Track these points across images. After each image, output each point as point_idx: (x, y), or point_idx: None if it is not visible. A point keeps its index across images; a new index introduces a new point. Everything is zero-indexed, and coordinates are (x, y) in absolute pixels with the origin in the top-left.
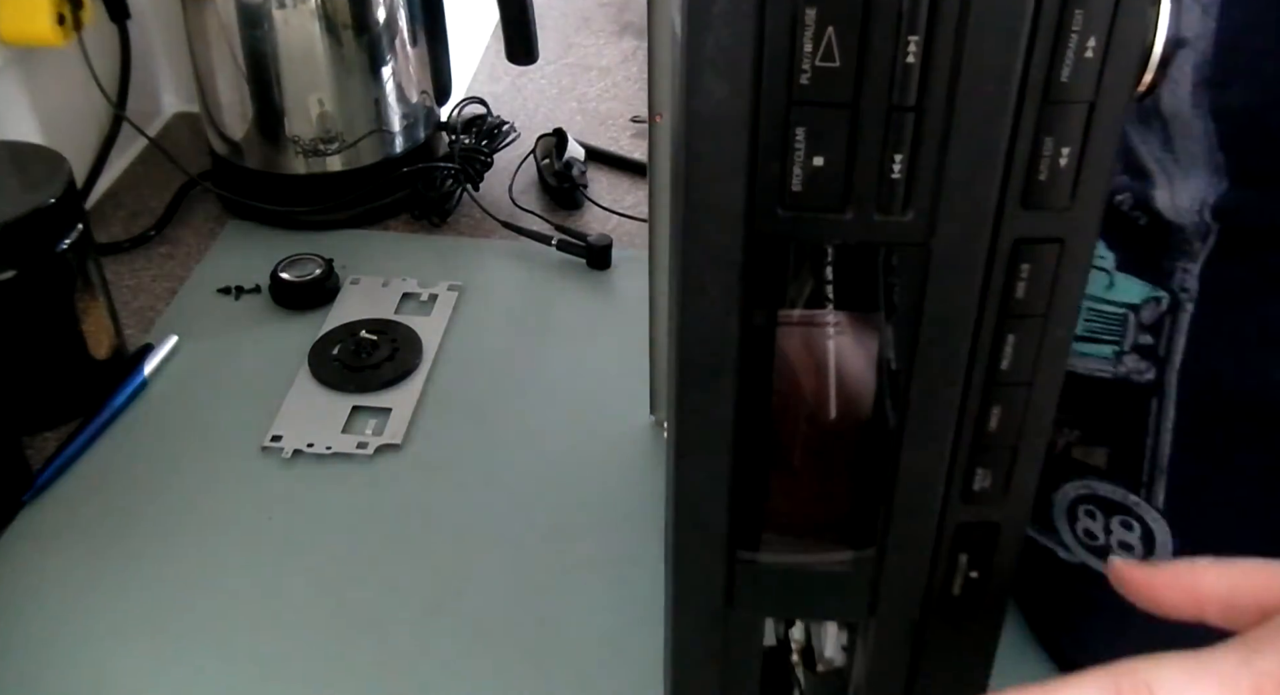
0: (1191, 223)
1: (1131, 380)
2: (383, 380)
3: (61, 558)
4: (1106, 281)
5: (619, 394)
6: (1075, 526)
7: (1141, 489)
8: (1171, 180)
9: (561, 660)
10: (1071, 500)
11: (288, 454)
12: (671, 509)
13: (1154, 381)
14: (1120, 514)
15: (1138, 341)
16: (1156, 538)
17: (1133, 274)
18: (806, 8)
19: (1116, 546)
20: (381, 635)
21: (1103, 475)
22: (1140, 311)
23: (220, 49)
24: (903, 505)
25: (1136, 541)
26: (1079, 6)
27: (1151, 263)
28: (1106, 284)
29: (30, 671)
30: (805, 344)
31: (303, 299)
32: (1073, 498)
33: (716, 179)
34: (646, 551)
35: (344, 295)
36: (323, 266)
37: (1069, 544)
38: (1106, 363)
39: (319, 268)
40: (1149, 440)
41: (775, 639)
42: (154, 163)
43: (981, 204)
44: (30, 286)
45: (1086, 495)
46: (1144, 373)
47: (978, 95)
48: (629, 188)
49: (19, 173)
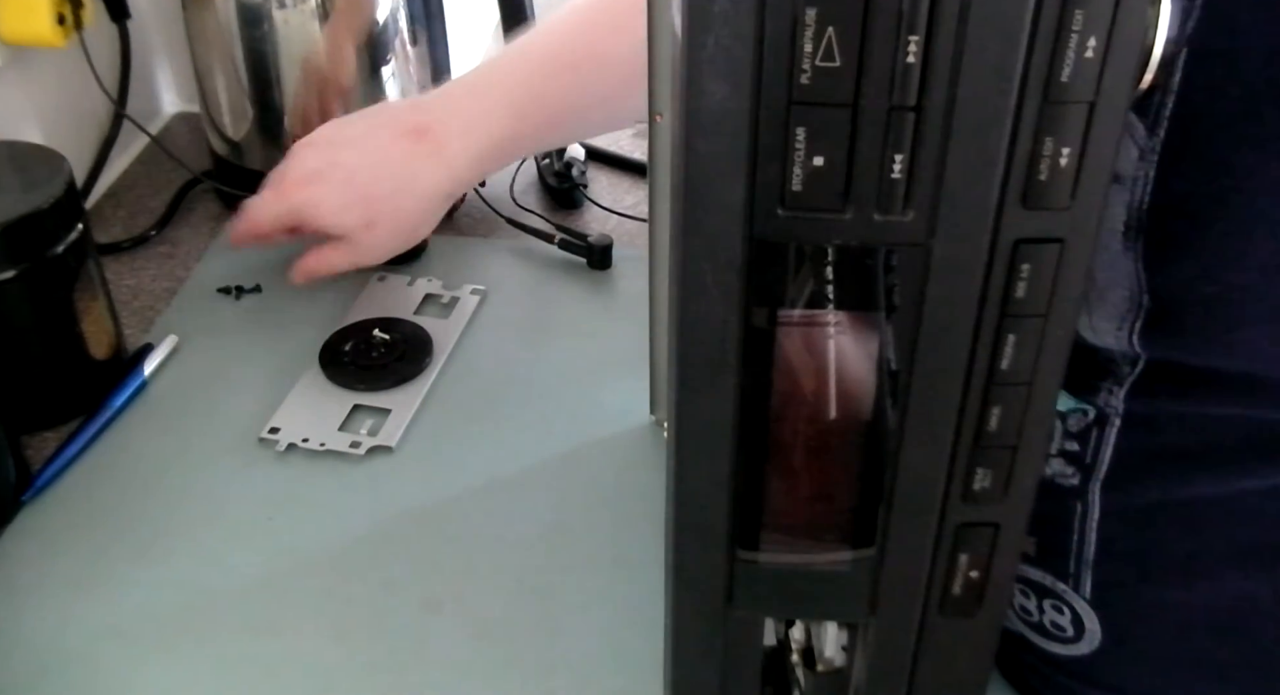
0: (1119, 348)
1: (1057, 482)
2: (389, 381)
3: (61, 558)
4: None
5: (619, 394)
6: (1013, 601)
7: (1069, 579)
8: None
9: (561, 660)
10: None
11: (282, 447)
12: (671, 509)
13: (1078, 487)
14: (1051, 598)
15: (1064, 447)
16: (1085, 625)
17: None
18: (806, 8)
19: (1050, 626)
20: (381, 635)
21: (1032, 562)
22: (1067, 419)
23: (220, 49)
24: (903, 505)
25: (1068, 624)
26: (1079, 6)
27: (1077, 379)
28: None
29: (30, 671)
30: (805, 344)
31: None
32: None
33: (716, 179)
34: (646, 551)
35: (368, 292)
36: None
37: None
38: None
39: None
40: (1074, 537)
41: (775, 639)
42: (154, 163)
43: (981, 204)
44: (30, 286)
45: (1020, 576)
46: (1069, 477)
47: (978, 95)
48: (629, 188)
49: (19, 173)
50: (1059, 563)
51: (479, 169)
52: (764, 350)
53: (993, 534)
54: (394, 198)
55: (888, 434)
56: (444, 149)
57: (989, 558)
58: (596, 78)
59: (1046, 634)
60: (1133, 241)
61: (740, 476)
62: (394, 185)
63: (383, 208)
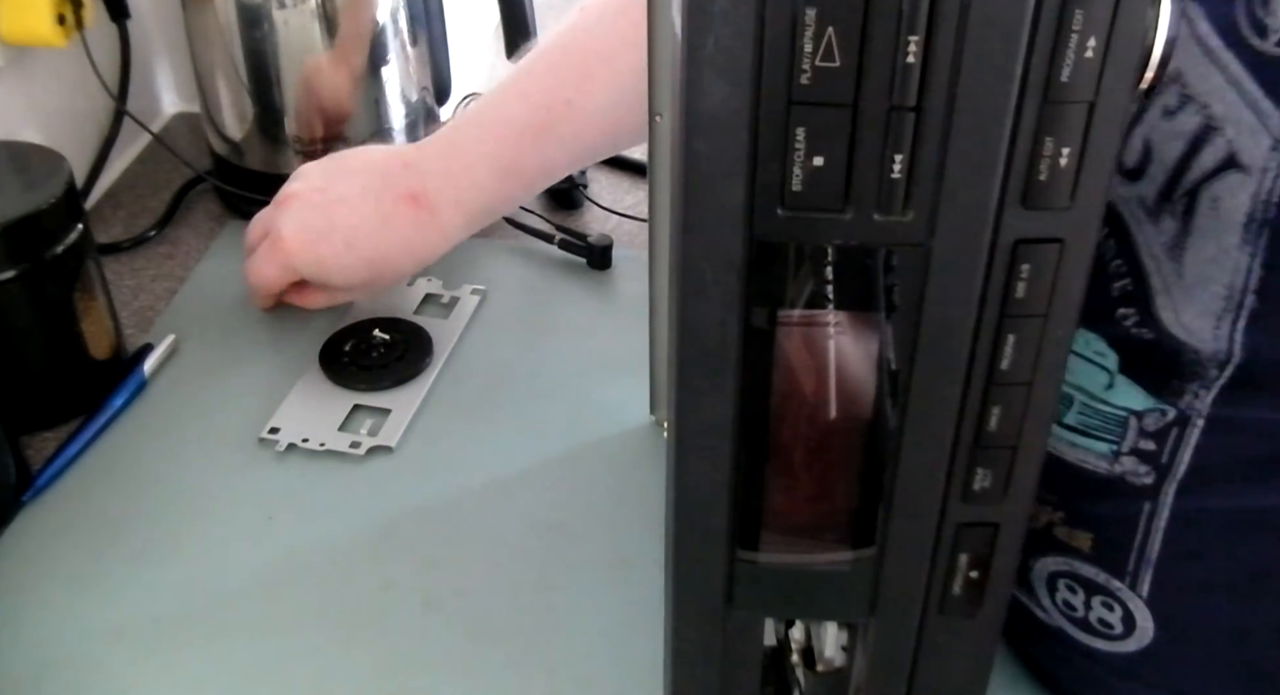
0: (1213, 348)
1: (1127, 480)
2: (389, 381)
3: (61, 558)
4: (1106, 381)
5: (619, 394)
6: (1055, 596)
7: (1126, 577)
8: (1170, 289)
9: (561, 660)
10: (1051, 573)
11: (282, 447)
12: (671, 509)
13: (1152, 486)
14: (1102, 594)
15: (1138, 446)
16: (1138, 622)
17: (1136, 382)
18: (806, 8)
19: (1096, 622)
20: (380, 635)
21: (1086, 558)
22: (1143, 418)
23: (220, 49)
24: (903, 505)
25: (1117, 621)
26: (1079, 6)
27: (1158, 378)
28: (1106, 384)
29: (30, 671)
30: (805, 344)
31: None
32: (1053, 570)
33: (716, 179)
34: (646, 551)
35: None
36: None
37: (1047, 608)
38: (1102, 459)
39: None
40: (1138, 536)
41: (775, 639)
42: (154, 163)
43: (981, 204)
44: (30, 286)
45: (1067, 572)
46: (1142, 476)
47: (978, 95)
48: (629, 188)
49: (19, 173)
50: (1118, 560)
51: (469, 230)
52: (764, 350)
53: (993, 534)
54: (393, 260)
55: (888, 434)
56: (438, 216)
57: (989, 558)
58: (574, 133)
59: (1090, 630)
60: (1254, 236)
61: (740, 476)
62: (393, 250)
63: (384, 269)
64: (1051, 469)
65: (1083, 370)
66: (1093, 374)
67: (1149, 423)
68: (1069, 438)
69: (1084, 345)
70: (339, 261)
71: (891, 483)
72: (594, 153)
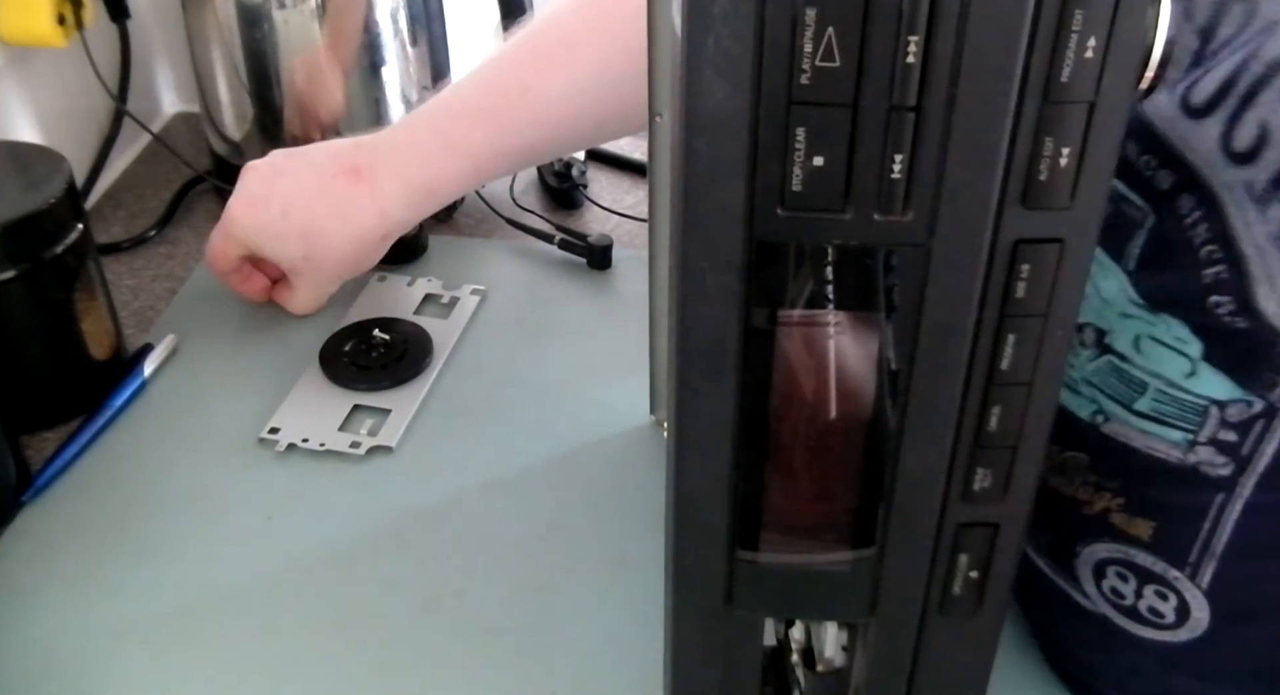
0: None
1: (1201, 471)
2: (389, 381)
3: (61, 558)
4: (1187, 368)
5: (619, 394)
6: (1101, 583)
7: (1187, 567)
8: (1273, 279)
9: (561, 660)
10: (1101, 559)
11: (282, 447)
12: (671, 509)
13: (1229, 478)
14: (1157, 584)
15: (1216, 436)
16: (1192, 612)
17: (1222, 370)
18: (806, 8)
19: (1146, 611)
20: (380, 635)
21: (1144, 546)
22: (1226, 408)
23: (220, 49)
24: (903, 505)
25: (1170, 611)
26: (1079, 6)
27: (1248, 368)
28: (1187, 371)
29: (30, 671)
30: (805, 344)
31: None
32: (1103, 558)
33: (716, 179)
34: (646, 551)
35: (368, 292)
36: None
37: (1091, 595)
38: (1175, 449)
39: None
40: (1205, 527)
41: (775, 639)
42: (154, 163)
43: (981, 204)
44: (30, 286)
45: (1120, 559)
46: (1219, 468)
47: (978, 95)
48: (629, 188)
49: (19, 173)
50: (1179, 550)
51: (412, 210)
52: (764, 350)
53: (993, 534)
54: (327, 235)
55: (888, 434)
56: (376, 190)
57: (989, 558)
58: (529, 119)
59: (1139, 618)
60: None
61: (740, 476)
62: (327, 223)
63: (318, 243)
64: (1115, 455)
65: (1161, 356)
66: (1172, 360)
67: (1232, 413)
68: (1139, 424)
69: (1164, 331)
70: (273, 229)
71: (891, 483)
72: (554, 143)
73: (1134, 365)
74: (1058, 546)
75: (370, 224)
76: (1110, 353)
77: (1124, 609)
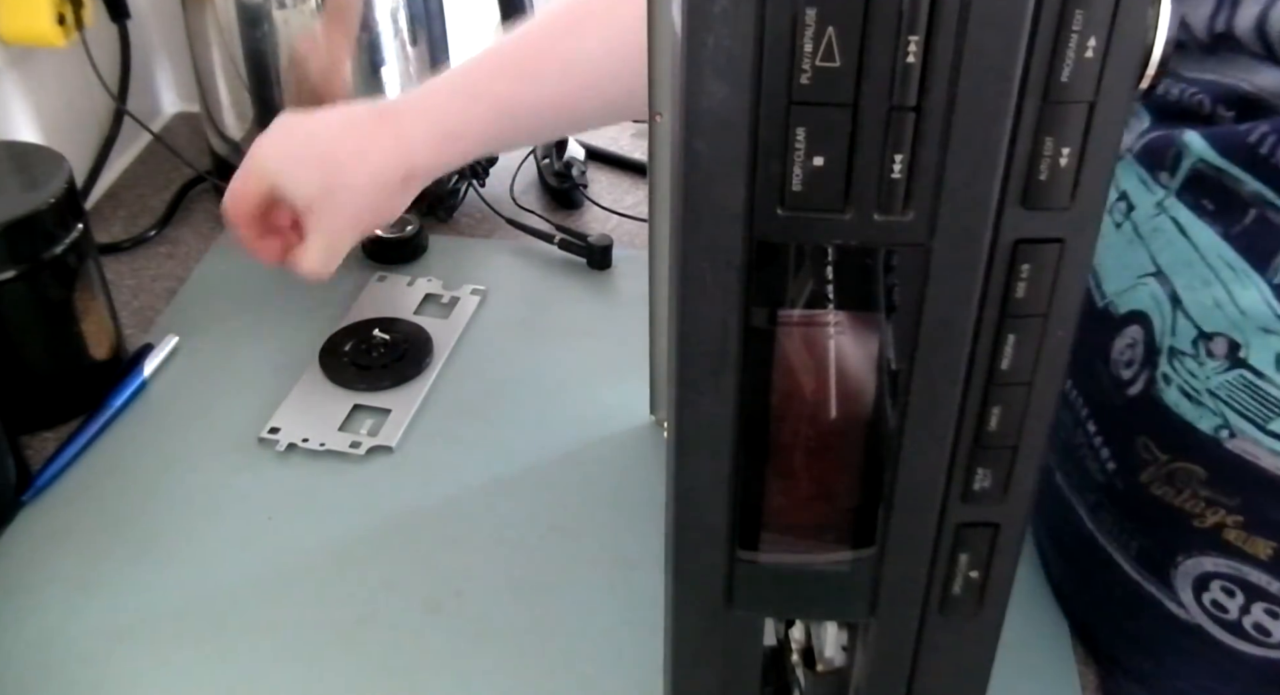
0: None
1: None
2: (389, 381)
3: (61, 558)
4: None
5: (619, 394)
6: (1203, 596)
7: None
8: None
9: (561, 660)
10: (1207, 573)
11: (282, 447)
12: (671, 509)
13: None
14: (1268, 602)
15: None
16: None
17: None
18: (806, 8)
19: (1251, 627)
20: (380, 635)
21: (1260, 565)
22: None
23: (220, 49)
24: (903, 505)
25: (1276, 629)
26: (1079, 6)
27: None
28: None
29: (30, 671)
30: (805, 344)
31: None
32: (1209, 571)
33: (716, 179)
34: (646, 551)
35: (368, 292)
36: (414, 223)
37: (1186, 605)
38: None
39: (410, 224)
40: None
41: (775, 639)
42: (154, 162)
43: (981, 204)
44: (30, 286)
45: (1230, 575)
46: None
47: (978, 95)
48: (629, 188)
49: (19, 173)
50: None
51: (435, 155)
52: (764, 350)
53: (993, 534)
54: (350, 165)
55: (888, 434)
56: (401, 131)
57: (989, 558)
58: (555, 79)
59: (1241, 634)
60: None
61: (740, 476)
62: (351, 152)
63: (339, 175)
64: (1238, 471)
65: None
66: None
67: None
68: (1271, 444)
69: None
70: (296, 154)
71: (891, 483)
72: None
73: (1273, 384)
74: (1153, 554)
75: (391, 163)
76: (1244, 367)
77: (1225, 623)
